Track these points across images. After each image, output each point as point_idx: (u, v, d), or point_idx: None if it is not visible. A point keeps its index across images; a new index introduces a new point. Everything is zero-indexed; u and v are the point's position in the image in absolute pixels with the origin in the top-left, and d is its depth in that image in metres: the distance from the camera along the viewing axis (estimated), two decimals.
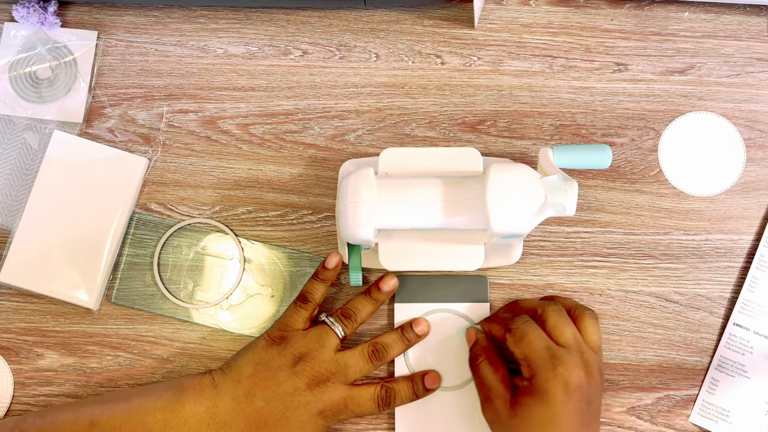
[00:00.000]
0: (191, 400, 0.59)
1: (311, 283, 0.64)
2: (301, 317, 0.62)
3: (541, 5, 0.71)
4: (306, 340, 0.61)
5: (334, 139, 0.69)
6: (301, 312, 0.63)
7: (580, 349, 0.57)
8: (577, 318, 0.60)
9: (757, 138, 0.69)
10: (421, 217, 0.57)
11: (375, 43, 0.70)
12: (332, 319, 0.62)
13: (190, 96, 0.70)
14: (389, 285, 0.64)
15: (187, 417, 0.59)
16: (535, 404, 0.56)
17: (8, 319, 0.67)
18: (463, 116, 0.69)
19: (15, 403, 0.66)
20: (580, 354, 0.57)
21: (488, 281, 0.67)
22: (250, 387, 0.60)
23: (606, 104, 0.69)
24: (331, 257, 0.64)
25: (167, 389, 0.61)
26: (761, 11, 0.71)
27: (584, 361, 0.57)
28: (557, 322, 0.59)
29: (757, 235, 0.67)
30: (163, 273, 0.67)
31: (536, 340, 0.58)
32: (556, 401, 0.55)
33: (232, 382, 0.60)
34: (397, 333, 0.64)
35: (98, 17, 0.71)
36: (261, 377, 0.60)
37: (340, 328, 0.62)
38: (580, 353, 0.57)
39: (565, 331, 0.58)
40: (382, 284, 0.64)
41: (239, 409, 0.59)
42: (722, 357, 0.66)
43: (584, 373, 0.56)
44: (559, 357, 0.56)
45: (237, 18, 0.71)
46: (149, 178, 0.69)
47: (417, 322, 0.64)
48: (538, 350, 0.57)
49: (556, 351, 0.57)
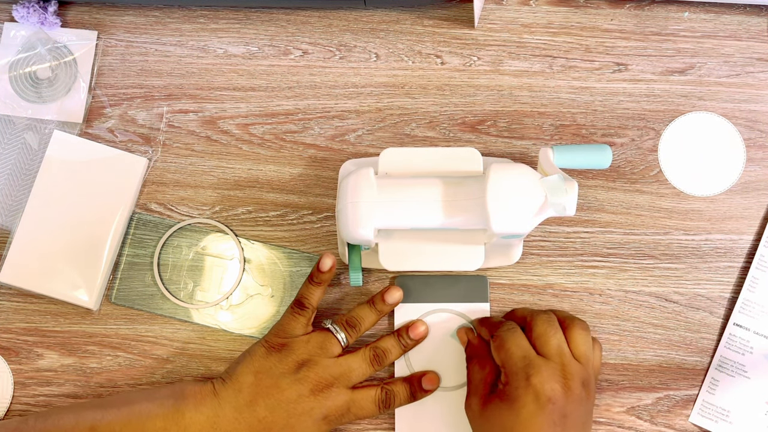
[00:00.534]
0: (192, 408, 0.59)
1: (306, 287, 0.63)
2: (300, 323, 0.62)
3: (541, 5, 0.71)
4: (308, 346, 0.61)
5: (334, 139, 0.69)
6: (299, 318, 0.62)
7: (562, 361, 0.57)
8: (567, 327, 0.59)
9: (757, 138, 0.69)
10: (421, 217, 0.57)
11: (375, 43, 0.70)
12: (336, 327, 0.62)
13: (190, 96, 0.70)
14: (394, 297, 0.63)
15: (188, 426, 0.58)
16: (504, 409, 0.56)
17: (8, 319, 0.67)
18: (463, 116, 0.69)
19: (15, 403, 0.66)
20: (561, 365, 0.56)
21: (488, 281, 0.67)
22: (252, 396, 0.60)
23: (606, 104, 0.69)
24: (325, 259, 0.62)
25: (168, 396, 0.60)
26: (761, 11, 0.71)
27: (564, 373, 0.56)
28: (544, 330, 0.58)
29: (757, 235, 0.67)
30: (163, 273, 0.67)
31: (513, 348, 0.58)
32: (525, 411, 0.55)
33: (234, 391, 0.60)
34: (394, 338, 0.64)
35: (98, 17, 0.71)
36: (263, 385, 0.60)
37: (343, 335, 0.62)
38: (562, 364, 0.56)
39: (550, 339, 0.58)
40: (387, 296, 0.63)
41: (241, 419, 0.59)
42: (722, 357, 0.66)
43: (561, 386, 0.55)
44: (535, 367, 0.56)
45: (237, 18, 0.71)
46: (149, 178, 0.69)
47: (414, 327, 0.64)
48: (514, 358, 0.57)
49: (533, 360, 0.56)
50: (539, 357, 0.57)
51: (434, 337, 0.66)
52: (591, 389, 0.57)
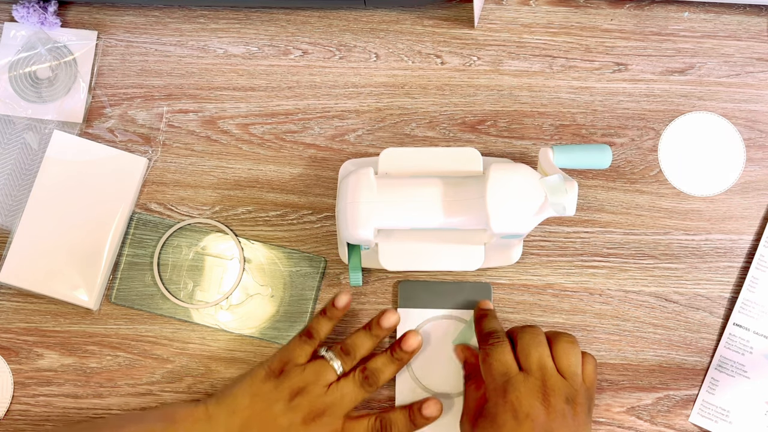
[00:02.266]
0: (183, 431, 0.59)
1: (318, 319, 0.63)
2: (305, 352, 0.62)
3: (541, 5, 0.71)
4: (304, 374, 0.60)
5: (334, 139, 0.69)
6: (305, 347, 0.62)
7: (543, 376, 0.55)
8: (552, 342, 0.57)
9: (757, 138, 0.69)
10: (421, 217, 0.57)
11: (375, 43, 0.70)
12: (331, 354, 0.61)
13: (190, 96, 0.70)
14: (390, 321, 0.62)
15: None
16: (488, 428, 0.55)
17: (8, 319, 0.67)
18: (463, 116, 0.69)
19: (15, 404, 0.66)
20: (541, 380, 0.54)
21: (492, 288, 0.67)
22: (245, 419, 0.59)
23: (606, 104, 0.69)
24: (342, 296, 0.63)
25: (159, 419, 0.60)
26: (761, 11, 0.71)
27: (545, 389, 0.54)
28: (527, 343, 0.56)
29: (757, 235, 0.67)
30: (163, 273, 0.67)
31: (495, 363, 0.56)
32: (505, 429, 0.53)
33: (227, 413, 0.60)
34: (386, 355, 0.62)
35: (98, 17, 0.71)
36: (257, 409, 0.60)
37: (338, 363, 0.61)
38: (543, 379, 0.54)
39: (531, 353, 0.56)
40: (383, 320, 0.62)
41: None
42: (722, 357, 0.66)
43: (540, 402, 0.53)
44: (513, 384, 0.54)
45: (237, 18, 0.71)
46: (149, 178, 0.69)
47: (405, 339, 0.62)
48: (494, 374, 0.56)
49: (512, 377, 0.55)
50: (520, 373, 0.55)
51: (437, 344, 0.65)
52: (578, 405, 0.55)
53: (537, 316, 0.67)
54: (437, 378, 0.65)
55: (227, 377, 0.66)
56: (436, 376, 0.65)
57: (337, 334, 0.66)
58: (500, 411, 0.54)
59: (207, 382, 0.66)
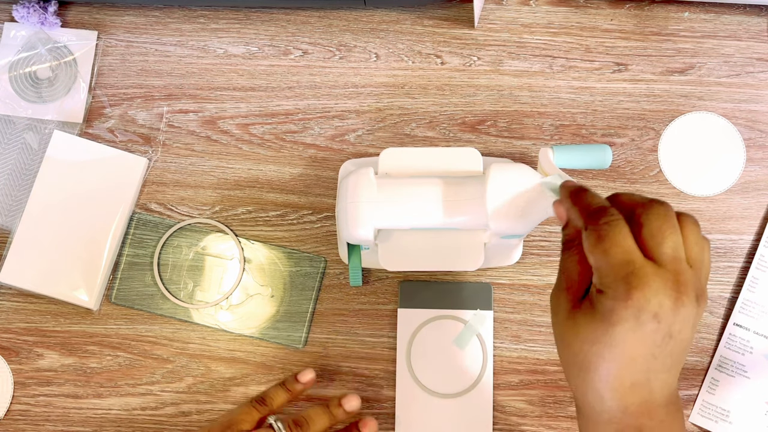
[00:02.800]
0: None
1: (275, 388, 0.62)
2: (251, 417, 0.59)
3: (541, 5, 0.71)
4: None
5: (334, 139, 0.69)
6: (253, 413, 0.59)
7: (677, 269, 0.44)
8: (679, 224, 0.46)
9: (757, 138, 0.69)
10: (421, 217, 0.57)
11: (375, 43, 0.70)
12: (280, 425, 0.58)
13: (190, 96, 0.70)
14: (351, 405, 0.61)
15: None
16: (597, 321, 0.44)
17: (8, 319, 0.67)
18: (463, 116, 0.69)
19: (15, 404, 0.66)
20: (674, 274, 0.44)
21: (492, 288, 0.66)
22: None
23: (606, 104, 0.69)
24: (306, 372, 0.62)
25: None
26: (761, 11, 0.71)
27: (678, 284, 0.44)
28: (659, 227, 0.44)
29: (757, 235, 0.67)
30: (163, 273, 0.67)
31: (614, 249, 0.44)
32: (619, 328, 0.43)
33: None
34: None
35: (98, 17, 0.71)
36: None
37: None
38: (676, 273, 0.44)
39: (666, 239, 0.44)
40: (345, 402, 0.61)
41: None
42: (722, 357, 0.66)
43: (671, 300, 0.43)
44: (641, 278, 0.43)
45: (237, 18, 0.71)
46: (149, 178, 0.69)
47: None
48: (614, 263, 0.44)
49: (639, 269, 0.43)
50: (647, 263, 0.44)
51: (437, 344, 0.65)
52: (703, 301, 0.46)
53: (537, 316, 0.67)
54: (437, 378, 0.65)
55: (227, 377, 0.66)
56: (436, 376, 0.65)
57: None
58: (618, 307, 0.43)
59: (207, 382, 0.66)
